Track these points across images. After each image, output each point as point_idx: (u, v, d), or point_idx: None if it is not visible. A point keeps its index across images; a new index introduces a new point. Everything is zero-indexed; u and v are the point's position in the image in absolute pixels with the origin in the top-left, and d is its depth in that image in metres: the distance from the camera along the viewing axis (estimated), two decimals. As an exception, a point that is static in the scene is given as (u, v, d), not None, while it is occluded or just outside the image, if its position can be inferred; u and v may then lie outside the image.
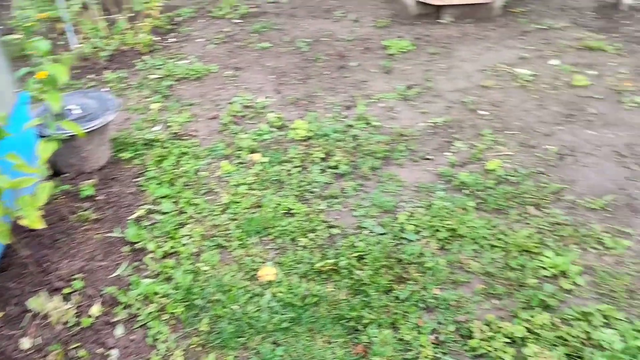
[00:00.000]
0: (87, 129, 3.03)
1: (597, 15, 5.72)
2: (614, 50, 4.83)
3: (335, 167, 3.29)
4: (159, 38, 5.42)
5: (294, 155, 3.38)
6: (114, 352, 2.16)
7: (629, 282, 2.44)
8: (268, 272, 2.51)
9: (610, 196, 3.00)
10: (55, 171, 3.21)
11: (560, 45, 4.99)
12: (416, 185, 3.14)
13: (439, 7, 5.58)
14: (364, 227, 2.81)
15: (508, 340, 2.15)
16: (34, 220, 2.26)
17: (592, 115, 3.83)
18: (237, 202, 2.98)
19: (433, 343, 2.17)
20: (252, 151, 3.46)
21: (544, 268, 2.49)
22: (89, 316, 2.30)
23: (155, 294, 2.38)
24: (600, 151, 3.42)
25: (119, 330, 2.25)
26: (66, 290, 2.40)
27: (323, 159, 3.37)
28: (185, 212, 2.91)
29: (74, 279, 2.46)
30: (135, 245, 2.69)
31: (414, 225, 2.79)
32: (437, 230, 2.75)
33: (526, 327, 2.19)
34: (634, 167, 3.26)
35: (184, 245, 2.68)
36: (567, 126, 3.71)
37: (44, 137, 2.67)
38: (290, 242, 2.72)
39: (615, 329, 2.18)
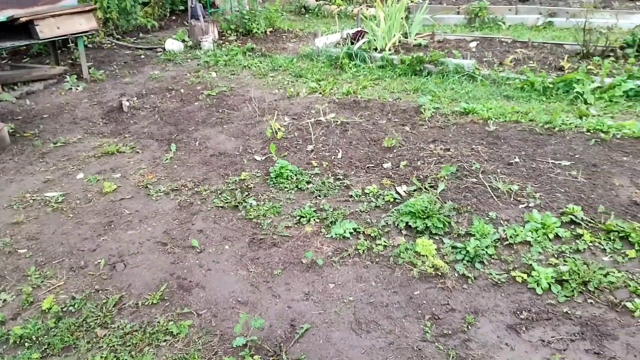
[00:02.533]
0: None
1: (106, 121, 6.19)
2: (130, 150, 5.32)
3: None
4: None
5: None
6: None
7: (199, 356, 2.73)
8: None
9: (164, 285, 3.29)
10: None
11: (82, 157, 5.19)
12: (-34, 365, 2.73)
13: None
14: None
15: None
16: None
17: (129, 216, 4.13)
18: None
19: None
20: None
21: (127, 384, 2.55)
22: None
23: None
24: (145, 246, 3.72)
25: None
26: None
27: None
28: None
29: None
30: None
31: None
32: (6, 405, 2.46)
33: None
34: (176, 250, 3.67)
35: None
36: (109, 234, 3.88)
37: None
38: None
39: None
